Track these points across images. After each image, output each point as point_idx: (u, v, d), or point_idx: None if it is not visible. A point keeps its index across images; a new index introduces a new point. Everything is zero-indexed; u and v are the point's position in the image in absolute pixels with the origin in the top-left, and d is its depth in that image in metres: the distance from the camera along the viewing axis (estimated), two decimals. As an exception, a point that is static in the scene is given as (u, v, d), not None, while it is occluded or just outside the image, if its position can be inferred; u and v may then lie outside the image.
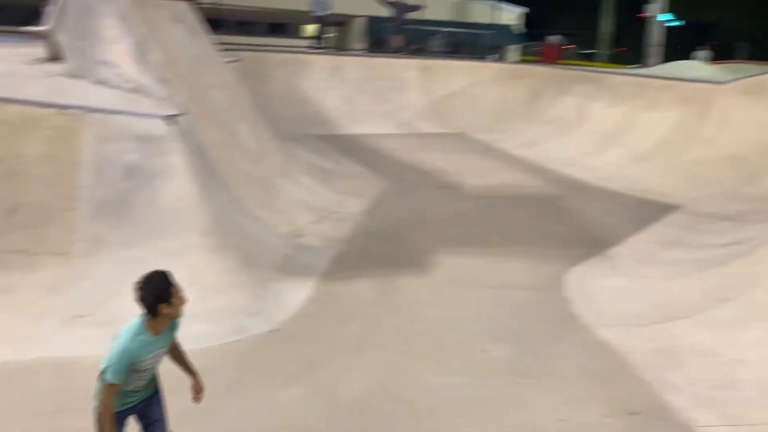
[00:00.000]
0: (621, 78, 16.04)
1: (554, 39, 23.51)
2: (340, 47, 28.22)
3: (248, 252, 6.76)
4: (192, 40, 9.10)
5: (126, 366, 3.13)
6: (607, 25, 47.22)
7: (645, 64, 26.60)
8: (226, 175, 7.71)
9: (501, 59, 25.72)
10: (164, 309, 3.16)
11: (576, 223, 9.54)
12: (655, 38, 27.21)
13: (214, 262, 6.25)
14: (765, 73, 13.15)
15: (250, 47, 18.61)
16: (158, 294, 3.15)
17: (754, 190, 10.49)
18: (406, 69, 18.87)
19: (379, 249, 7.93)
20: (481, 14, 29.84)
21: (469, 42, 30.20)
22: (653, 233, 8.96)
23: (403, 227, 8.89)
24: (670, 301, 6.49)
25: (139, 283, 3.14)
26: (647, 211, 10.03)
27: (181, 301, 3.23)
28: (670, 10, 31.70)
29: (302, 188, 9.46)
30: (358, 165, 12.36)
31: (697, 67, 20.25)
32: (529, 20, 36.53)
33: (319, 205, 9.14)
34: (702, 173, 11.45)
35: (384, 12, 20.94)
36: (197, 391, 3.50)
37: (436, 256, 7.72)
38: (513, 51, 32.52)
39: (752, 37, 53.85)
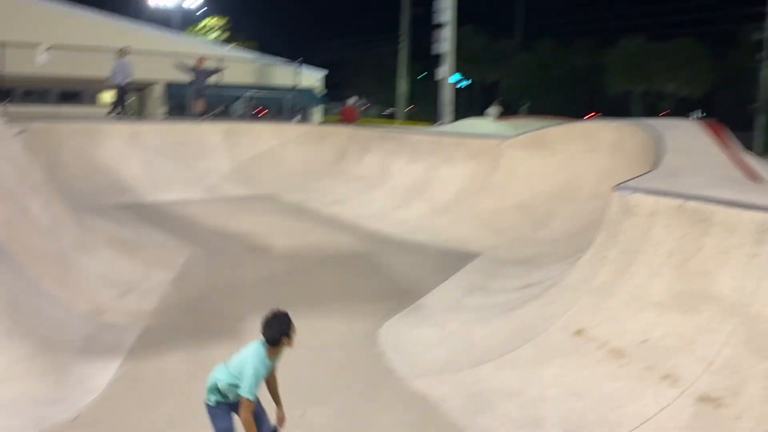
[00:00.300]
0: (419, 136, 16.88)
1: (351, 101, 24.53)
2: (140, 114, 27.44)
3: (45, 335, 6.28)
4: (-30, 111, 8.45)
5: (258, 385, 3.97)
6: (402, 86, 49.62)
7: (443, 122, 28.24)
8: (17, 255, 7.15)
9: (305, 120, 26.21)
10: (285, 341, 4.06)
11: (386, 276, 9.81)
12: (446, 98, 28.96)
13: (6, 350, 5.74)
14: (543, 127, 14.42)
15: (41, 117, 17.63)
16: (283, 330, 4.04)
17: (543, 235, 11.36)
18: (210, 133, 18.67)
19: (190, 320, 7.67)
20: (283, 77, 30.32)
21: (273, 104, 30.55)
22: (458, 281, 9.40)
23: (213, 295, 8.67)
24: (477, 345, 6.80)
25: (267, 319, 4.09)
26: (451, 260, 10.52)
27: (295, 335, 4.12)
28: (459, 71, 33.97)
29: (103, 262, 8.96)
30: (163, 233, 11.94)
31: (486, 124, 21.79)
32: (331, 82, 37.64)
33: (123, 278, 8.70)
34: (497, 221, 12.24)
35: (183, 77, 20.67)
36: (281, 419, 4.31)
37: (249, 322, 7.55)
38: (316, 112, 33.30)
39: (531, 95, 59.29)
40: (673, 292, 5.72)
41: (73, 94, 31.31)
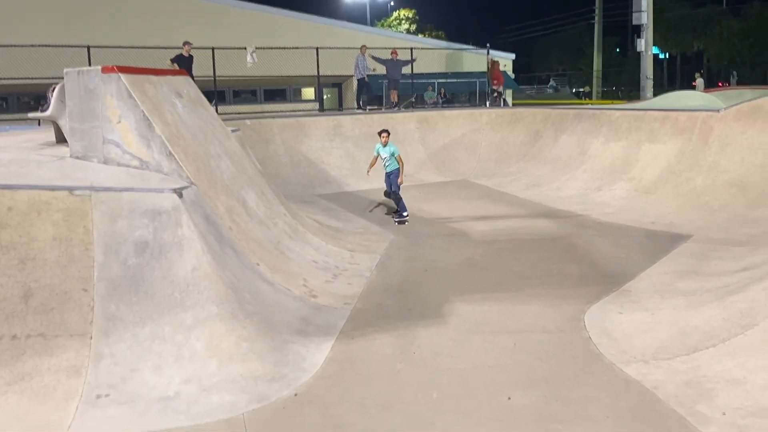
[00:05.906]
0: (618, 113, 16.16)
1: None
2: (339, 108, 28.60)
3: (265, 317, 6.74)
4: (194, 112, 9.24)
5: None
6: (597, 62, 48.02)
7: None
8: (238, 243, 7.74)
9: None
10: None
11: (589, 260, 9.51)
12: (646, 71, 27.55)
13: (231, 331, 6.23)
14: (758, 97, 13.25)
15: (251, 115, 18.91)
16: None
17: (761, 214, 10.47)
18: (405, 122, 19.16)
19: (395, 303, 7.90)
20: (471, 64, 30.27)
21: (464, 91, 30.59)
22: (667, 264, 8.93)
23: (415, 279, 8.87)
24: (692, 331, 6.42)
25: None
26: (658, 242, 10.03)
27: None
28: (658, 43, 32.17)
29: (313, 248, 9.48)
30: (365, 220, 12.42)
31: (692, 96, 20.47)
32: (518, 66, 37.07)
33: (331, 263, 9.15)
34: (708, 201, 11.48)
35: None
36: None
37: (451, 305, 7.68)
38: (508, 96, 32.98)
39: (739, 65, 54.64)
40: None
41: (277, 91, 33.33)
